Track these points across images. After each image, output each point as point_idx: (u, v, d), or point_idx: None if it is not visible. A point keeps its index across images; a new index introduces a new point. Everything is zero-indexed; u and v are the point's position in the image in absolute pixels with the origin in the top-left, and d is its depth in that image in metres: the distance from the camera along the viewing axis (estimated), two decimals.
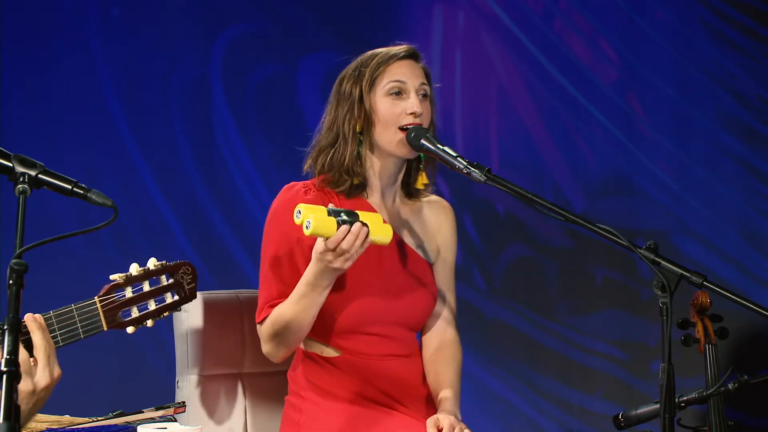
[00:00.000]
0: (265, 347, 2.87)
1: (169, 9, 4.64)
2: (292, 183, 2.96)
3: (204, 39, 4.64)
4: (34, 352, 2.18)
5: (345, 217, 2.65)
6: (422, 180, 2.98)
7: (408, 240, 2.98)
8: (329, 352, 2.91)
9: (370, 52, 2.96)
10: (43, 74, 4.65)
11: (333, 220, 2.64)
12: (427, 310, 2.98)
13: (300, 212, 2.65)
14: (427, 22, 5.13)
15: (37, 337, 2.19)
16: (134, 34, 4.70)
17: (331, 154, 2.91)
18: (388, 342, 2.91)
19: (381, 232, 2.70)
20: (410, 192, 3.01)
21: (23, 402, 2.11)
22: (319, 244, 2.68)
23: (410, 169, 2.99)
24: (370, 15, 4.95)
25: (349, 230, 2.64)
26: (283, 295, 2.82)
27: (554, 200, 3.69)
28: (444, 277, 3.03)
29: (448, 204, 3.10)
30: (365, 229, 2.66)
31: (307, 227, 2.63)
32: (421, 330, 3.02)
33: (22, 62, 4.64)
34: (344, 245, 2.65)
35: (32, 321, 2.19)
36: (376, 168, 2.93)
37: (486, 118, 5.20)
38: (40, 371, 2.17)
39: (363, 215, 2.69)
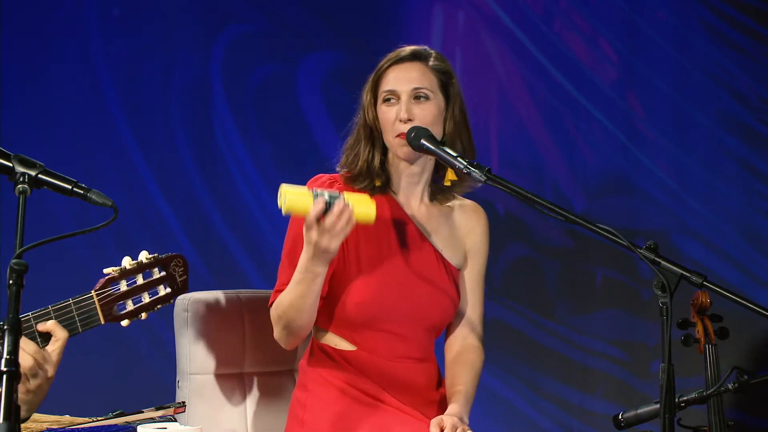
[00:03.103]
0: (275, 332, 2.90)
1: (169, 9, 4.64)
2: (320, 174, 2.98)
3: (204, 39, 4.64)
4: (52, 346, 2.23)
5: (326, 196, 2.66)
6: (449, 176, 2.98)
7: (434, 241, 2.98)
8: (344, 346, 2.91)
9: (378, 53, 3.00)
10: (43, 74, 4.65)
11: (309, 198, 2.65)
12: (445, 314, 2.97)
13: (280, 194, 2.67)
14: (427, 22, 5.13)
15: (59, 331, 2.26)
16: (134, 34, 4.69)
17: (352, 156, 2.95)
18: (402, 342, 2.91)
19: (363, 212, 2.70)
20: (439, 192, 3.00)
21: (43, 391, 2.17)
22: (304, 223, 2.70)
23: (439, 168, 2.99)
24: (370, 15, 4.95)
25: (329, 206, 2.66)
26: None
27: (554, 200, 3.69)
28: (471, 282, 3.03)
29: (482, 209, 3.09)
30: (348, 208, 2.67)
31: (283, 205, 2.65)
32: (445, 334, 3.02)
33: (22, 62, 4.64)
34: (326, 223, 2.66)
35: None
36: (394, 169, 2.96)
37: (486, 118, 5.20)
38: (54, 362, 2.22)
39: (348, 195, 2.71)
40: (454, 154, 2.77)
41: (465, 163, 2.73)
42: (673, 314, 2.52)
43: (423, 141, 2.83)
